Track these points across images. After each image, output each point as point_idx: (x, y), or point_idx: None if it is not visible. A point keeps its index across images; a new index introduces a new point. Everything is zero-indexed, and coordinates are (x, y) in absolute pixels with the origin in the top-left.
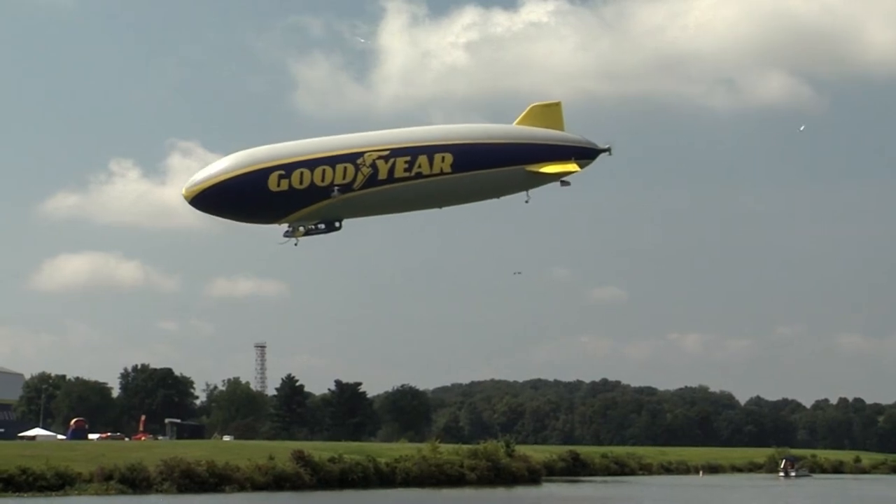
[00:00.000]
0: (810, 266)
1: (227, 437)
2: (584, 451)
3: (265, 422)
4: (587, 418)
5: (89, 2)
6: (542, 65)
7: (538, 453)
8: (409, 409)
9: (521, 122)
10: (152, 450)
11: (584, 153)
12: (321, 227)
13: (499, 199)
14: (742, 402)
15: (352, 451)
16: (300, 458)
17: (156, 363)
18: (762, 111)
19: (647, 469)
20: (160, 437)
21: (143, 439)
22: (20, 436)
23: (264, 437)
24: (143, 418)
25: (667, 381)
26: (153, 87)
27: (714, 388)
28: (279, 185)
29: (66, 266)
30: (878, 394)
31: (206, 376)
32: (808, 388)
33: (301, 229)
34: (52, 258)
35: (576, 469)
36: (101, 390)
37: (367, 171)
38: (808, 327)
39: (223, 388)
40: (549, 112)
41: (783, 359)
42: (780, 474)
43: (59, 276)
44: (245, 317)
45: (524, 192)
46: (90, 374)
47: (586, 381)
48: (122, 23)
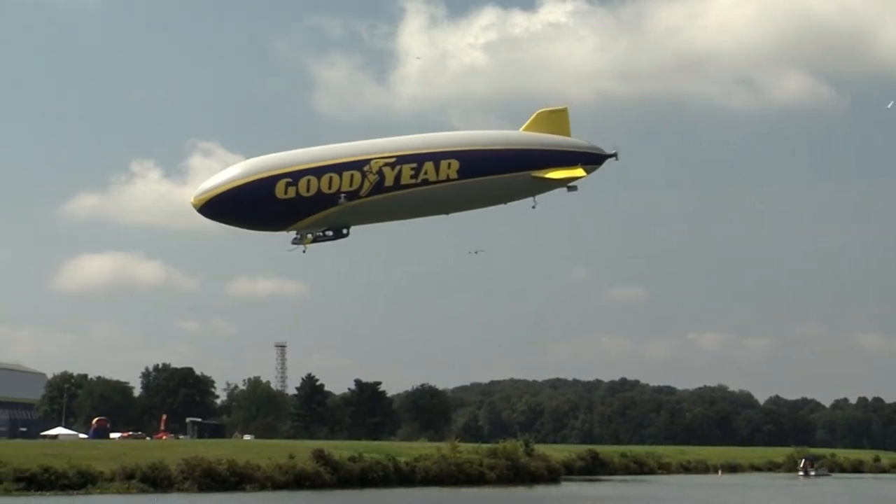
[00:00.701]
0: (829, 265)
1: (247, 437)
2: (604, 450)
3: (285, 421)
4: (606, 418)
5: (111, 2)
6: (561, 65)
7: (557, 452)
8: (428, 409)
9: (527, 128)
10: (173, 449)
11: (590, 158)
12: (329, 233)
13: (506, 204)
14: (761, 402)
15: (372, 450)
16: (320, 457)
17: (177, 363)
18: (781, 111)
19: (666, 468)
20: (181, 437)
21: (165, 438)
22: (42, 435)
23: (285, 436)
24: (165, 417)
25: (686, 381)
26: (174, 88)
27: (733, 387)
28: (286, 193)
29: (87, 266)
30: None
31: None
32: (827, 388)
33: (309, 236)
34: (74, 258)
35: (595, 468)
36: (122, 390)
37: (373, 178)
38: (828, 326)
39: (244, 388)
40: (556, 118)
41: (802, 358)
42: (800, 474)
43: (80, 277)
44: (265, 316)
45: (531, 198)
46: (112, 374)
47: (605, 380)
48: (144, 24)
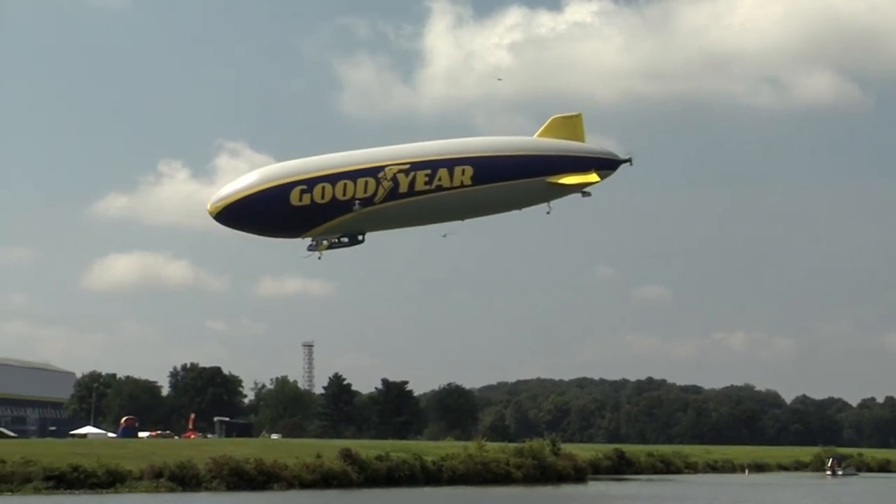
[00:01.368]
0: (856, 263)
1: (275, 436)
2: (630, 449)
3: (313, 420)
4: (633, 417)
5: (140, 3)
6: (587, 65)
7: (584, 452)
8: (455, 408)
9: (541, 134)
10: (201, 448)
11: (604, 164)
12: (344, 240)
13: (521, 210)
14: (788, 401)
15: (398, 449)
16: (347, 456)
17: (205, 362)
18: (807, 110)
19: (692, 468)
20: (209, 436)
21: (193, 437)
22: (71, 434)
23: (312, 435)
24: (193, 417)
25: (712, 380)
26: (201, 88)
27: (760, 386)
28: (301, 200)
29: (116, 266)
30: None
31: (254, 375)
32: (854, 387)
33: (324, 243)
34: (103, 258)
35: (621, 467)
36: (150, 389)
37: (387, 184)
38: (854, 325)
39: (271, 387)
40: (570, 124)
41: (829, 357)
42: (827, 473)
43: (109, 276)
44: (293, 316)
45: (545, 204)
46: (140, 373)
47: (632, 379)
48: (171, 24)
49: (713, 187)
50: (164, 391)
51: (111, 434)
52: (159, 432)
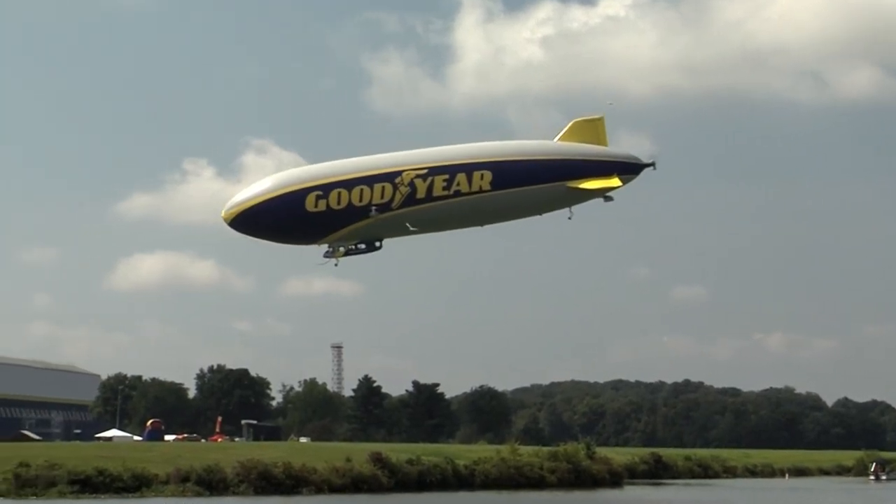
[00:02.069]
0: None
1: (303, 439)
2: (667, 453)
3: (342, 423)
4: (669, 420)
5: (165, 2)
6: (620, 60)
7: (619, 455)
8: (487, 411)
9: (563, 137)
10: (228, 451)
11: (627, 168)
12: (361, 246)
13: (541, 215)
14: (829, 404)
15: (430, 452)
16: (378, 459)
17: (231, 364)
18: (848, 105)
19: (731, 472)
20: (236, 439)
21: (220, 441)
22: (97, 437)
23: (341, 438)
24: (220, 419)
25: (751, 382)
26: (227, 85)
27: (800, 389)
28: (317, 206)
29: (141, 266)
30: None
31: (282, 377)
32: None
33: (341, 250)
34: (128, 258)
35: (658, 472)
36: (176, 391)
37: (405, 189)
38: None
39: (299, 389)
40: (592, 127)
41: (872, 359)
42: (871, 478)
43: (134, 276)
44: (321, 317)
45: (567, 209)
46: (166, 375)
47: (668, 381)
48: (197, 23)
49: (749, 184)
50: (191, 393)
51: (137, 437)
52: (186, 435)
